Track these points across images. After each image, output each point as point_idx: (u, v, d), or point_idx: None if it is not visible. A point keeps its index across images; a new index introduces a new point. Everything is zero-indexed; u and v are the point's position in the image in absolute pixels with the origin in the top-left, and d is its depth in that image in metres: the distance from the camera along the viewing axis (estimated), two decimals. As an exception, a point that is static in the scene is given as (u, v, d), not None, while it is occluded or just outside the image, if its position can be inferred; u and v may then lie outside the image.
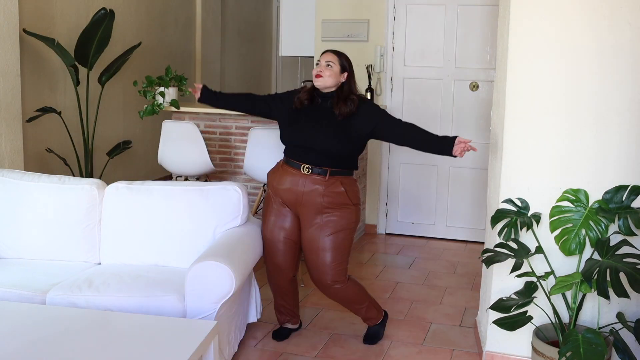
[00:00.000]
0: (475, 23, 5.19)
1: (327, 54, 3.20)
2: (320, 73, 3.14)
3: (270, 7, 9.00)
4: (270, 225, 3.26)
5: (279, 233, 3.24)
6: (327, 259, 3.17)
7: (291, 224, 3.24)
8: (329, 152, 3.13)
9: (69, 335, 2.41)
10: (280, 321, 3.51)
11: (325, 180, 3.12)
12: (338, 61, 3.17)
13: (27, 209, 3.34)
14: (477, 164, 5.26)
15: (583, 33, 2.87)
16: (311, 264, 3.23)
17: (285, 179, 3.19)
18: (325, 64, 3.15)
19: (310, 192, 3.13)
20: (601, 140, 2.91)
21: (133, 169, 6.21)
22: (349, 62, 3.22)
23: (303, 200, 3.15)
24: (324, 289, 3.28)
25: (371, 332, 3.47)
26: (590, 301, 2.96)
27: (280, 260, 3.28)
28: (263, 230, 3.31)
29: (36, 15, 4.87)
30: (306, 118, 3.18)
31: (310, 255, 3.21)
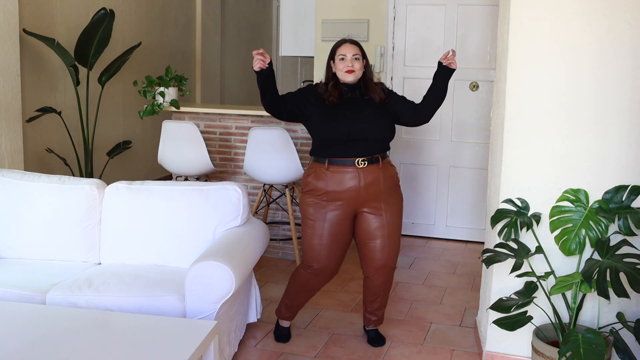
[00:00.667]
0: (475, 23, 5.19)
1: (350, 47, 3.13)
2: (351, 68, 3.10)
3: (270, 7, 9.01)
4: (318, 230, 3.13)
5: (327, 237, 3.14)
6: (393, 243, 3.20)
7: (342, 225, 3.15)
8: (381, 139, 3.12)
9: (69, 335, 2.41)
10: (282, 315, 3.43)
11: (380, 167, 3.12)
12: (361, 52, 3.15)
13: (27, 209, 3.34)
14: (477, 164, 5.27)
15: (583, 33, 2.87)
16: (375, 251, 3.19)
17: (341, 180, 3.09)
18: (353, 57, 3.11)
19: (372, 183, 3.10)
20: (601, 140, 2.91)
21: (133, 169, 6.21)
22: (363, 48, 3.21)
23: (365, 193, 3.10)
24: (384, 274, 3.25)
25: (374, 334, 3.45)
26: (590, 301, 2.96)
27: (330, 265, 3.20)
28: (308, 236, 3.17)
29: (36, 15, 4.87)
30: (347, 111, 3.10)
31: (374, 243, 3.17)
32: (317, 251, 3.18)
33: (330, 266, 3.21)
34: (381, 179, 3.12)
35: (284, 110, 3.17)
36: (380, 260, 3.21)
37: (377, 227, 3.16)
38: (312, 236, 3.17)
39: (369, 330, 3.47)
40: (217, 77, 7.88)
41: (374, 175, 3.10)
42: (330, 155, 3.11)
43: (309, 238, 3.19)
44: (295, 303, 3.41)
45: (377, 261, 3.22)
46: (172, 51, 6.89)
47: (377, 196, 3.13)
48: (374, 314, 3.43)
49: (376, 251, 3.20)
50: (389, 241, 3.19)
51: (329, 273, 3.25)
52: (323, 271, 3.22)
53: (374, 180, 3.10)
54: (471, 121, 5.29)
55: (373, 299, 3.37)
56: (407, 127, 3.55)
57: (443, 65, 3.15)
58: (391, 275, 3.31)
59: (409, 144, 5.46)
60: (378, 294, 3.35)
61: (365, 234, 3.19)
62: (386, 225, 3.16)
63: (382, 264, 3.22)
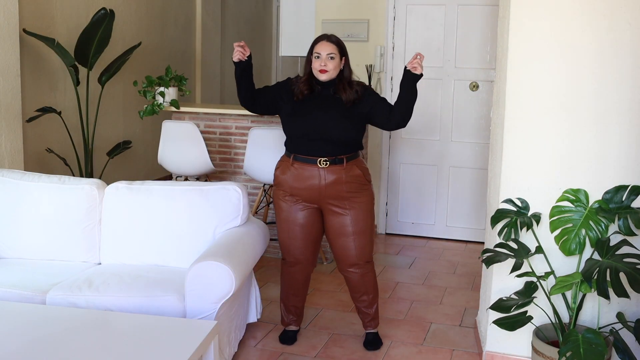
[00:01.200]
0: (475, 23, 5.19)
1: (325, 45, 3.12)
2: (324, 68, 3.10)
3: (270, 7, 9.00)
4: (289, 224, 3.23)
5: (299, 231, 3.22)
6: (359, 241, 3.21)
7: (311, 218, 3.22)
8: (344, 140, 3.12)
9: (69, 335, 2.41)
10: (286, 322, 3.47)
11: (344, 168, 3.13)
12: (338, 50, 3.13)
13: (27, 209, 3.34)
14: (477, 164, 5.27)
15: (583, 33, 2.87)
16: (342, 248, 3.24)
17: (302, 177, 3.15)
18: (328, 56, 3.10)
19: (333, 184, 3.12)
20: (601, 140, 2.91)
21: (133, 169, 6.21)
22: (344, 46, 3.18)
23: (326, 193, 3.14)
24: (357, 270, 3.27)
25: (371, 337, 3.43)
26: (590, 301, 2.96)
27: (302, 257, 3.28)
28: (281, 229, 3.27)
29: (36, 15, 4.87)
30: (313, 109, 3.12)
31: (341, 241, 3.22)
32: (287, 244, 3.28)
33: (303, 258, 3.29)
34: (343, 179, 3.13)
35: (257, 104, 3.23)
36: (349, 257, 3.25)
37: (342, 224, 3.19)
38: (282, 230, 3.27)
39: (367, 332, 3.45)
40: (217, 77, 7.88)
41: (335, 176, 3.12)
42: (295, 152, 3.17)
43: (280, 232, 3.29)
44: (289, 304, 3.42)
45: (346, 258, 3.26)
46: (172, 51, 6.89)
47: (339, 195, 3.15)
48: (365, 314, 3.40)
49: (344, 248, 3.24)
50: (356, 238, 3.20)
51: (304, 264, 3.31)
52: (297, 263, 3.30)
53: (335, 180, 3.12)
54: (471, 121, 5.29)
55: (358, 296, 3.37)
56: (385, 130, 3.44)
57: (407, 69, 3.06)
58: (367, 269, 3.31)
59: (409, 144, 5.47)
60: (361, 290, 3.35)
61: (332, 231, 3.24)
62: (351, 223, 3.18)
63: (352, 261, 3.26)
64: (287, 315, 3.45)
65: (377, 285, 3.41)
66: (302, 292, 3.42)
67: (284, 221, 3.25)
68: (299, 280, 3.37)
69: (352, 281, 3.34)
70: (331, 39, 3.15)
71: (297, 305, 3.44)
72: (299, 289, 3.40)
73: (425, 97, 5.37)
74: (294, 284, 3.38)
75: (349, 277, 3.33)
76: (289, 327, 3.47)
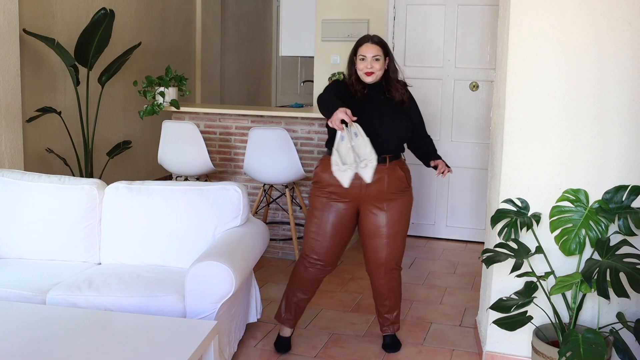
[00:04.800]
0: (475, 23, 5.19)
1: (370, 47, 3.08)
2: (371, 70, 3.07)
3: (270, 7, 9.01)
4: (322, 221, 3.15)
5: (330, 229, 3.15)
6: (393, 244, 3.18)
7: (345, 219, 3.16)
8: (393, 138, 3.11)
9: (69, 335, 2.41)
10: (281, 318, 3.35)
11: (387, 167, 3.10)
12: (382, 51, 3.09)
13: (27, 209, 3.34)
14: (477, 164, 5.27)
15: (583, 33, 2.87)
16: (375, 250, 3.19)
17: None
18: (373, 58, 3.07)
19: (375, 183, 3.05)
20: (601, 140, 2.91)
21: (133, 169, 6.21)
22: (387, 45, 3.17)
23: (367, 192, 3.09)
24: (386, 273, 3.24)
25: (390, 340, 3.40)
26: (590, 301, 2.96)
27: (326, 257, 3.20)
28: (309, 225, 3.20)
29: (36, 15, 4.87)
30: (366, 108, 3.07)
31: (375, 242, 3.18)
32: (316, 241, 3.19)
33: (327, 258, 3.21)
34: (385, 179, 3.10)
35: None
36: (380, 259, 3.21)
37: (378, 225, 3.15)
38: (314, 226, 3.19)
39: (385, 335, 3.41)
40: (217, 77, 7.88)
41: (377, 175, 3.04)
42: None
43: (310, 227, 3.21)
44: (293, 300, 3.31)
45: (377, 260, 3.22)
46: (172, 51, 6.90)
47: (379, 196, 3.12)
48: (385, 318, 3.37)
49: (376, 250, 3.20)
50: (389, 241, 3.17)
51: (326, 265, 3.23)
52: (320, 262, 3.22)
53: (377, 180, 3.06)
54: (471, 121, 5.29)
55: (382, 300, 3.34)
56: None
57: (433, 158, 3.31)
58: (394, 275, 3.29)
59: (409, 144, 5.46)
60: (384, 295, 3.32)
61: (366, 231, 3.19)
62: (387, 224, 3.15)
63: (382, 263, 3.22)
64: (286, 313, 3.34)
65: (401, 292, 3.38)
66: (311, 292, 3.34)
67: (317, 217, 3.17)
68: (312, 280, 3.28)
69: (378, 284, 3.30)
70: (374, 39, 3.12)
71: (300, 305, 3.34)
72: (309, 288, 3.32)
73: (425, 97, 5.38)
74: (306, 282, 3.28)
75: (375, 279, 3.29)
76: (282, 332, 3.38)
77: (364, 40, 3.13)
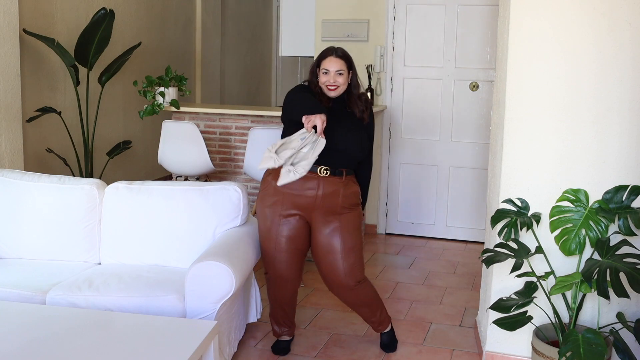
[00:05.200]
0: (475, 23, 5.19)
1: (334, 61, 3.04)
2: (334, 84, 3.04)
3: (270, 7, 9.01)
4: (273, 234, 3.07)
5: (284, 242, 3.07)
6: (350, 260, 3.06)
7: (298, 230, 3.07)
8: (354, 153, 3.06)
9: (69, 335, 2.41)
10: (277, 333, 3.34)
11: (343, 181, 3.04)
12: (346, 65, 3.06)
13: (27, 209, 3.34)
14: (477, 164, 5.27)
15: (583, 33, 2.87)
16: (330, 269, 3.08)
17: (298, 184, 2.98)
18: (336, 73, 3.04)
19: (329, 195, 3.01)
20: (601, 140, 2.91)
21: (133, 169, 6.21)
22: (351, 59, 3.12)
23: (320, 203, 3.02)
24: (347, 291, 3.13)
25: (386, 339, 3.37)
26: (590, 301, 2.96)
27: (287, 272, 3.11)
28: (262, 240, 3.12)
29: (36, 15, 4.87)
30: (331, 121, 2.94)
31: (330, 260, 3.07)
32: (271, 257, 3.11)
33: (289, 273, 3.12)
34: (341, 192, 3.03)
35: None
36: (338, 277, 3.09)
37: (330, 241, 3.05)
38: (266, 241, 3.10)
39: (382, 334, 3.38)
40: (217, 77, 7.88)
41: (333, 188, 3.02)
42: None
43: (263, 242, 3.12)
44: (278, 314, 3.28)
45: (335, 278, 3.10)
46: (172, 51, 6.89)
47: (332, 209, 3.04)
48: (371, 322, 3.33)
49: (333, 268, 3.08)
50: (345, 256, 3.05)
51: (287, 281, 3.15)
52: (280, 279, 3.14)
53: (332, 192, 3.02)
54: (471, 121, 5.29)
55: (356, 309, 3.27)
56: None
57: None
58: (359, 290, 3.14)
59: (409, 144, 5.46)
60: (357, 305, 3.24)
61: (319, 248, 3.08)
62: (341, 240, 3.05)
63: (341, 282, 3.10)
64: (280, 328, 3.32)
65: (376, 296, 3.25)
66: (292, 303, 3.27)
67: (268, 231, 3.08)
68: (285, 296, 3.21)
69: (345, 300, 3.23)
70: (338, 53, 3.07)
71: (288, 315, 3.31)
72: (288, 301, 3.24)
73: (425, 97, 5.39)
74: (280, 299, 3.22)
75: (341, 297, 3.21)
76: (282, 338, 3.36)
77: (328, 53, 3.08)
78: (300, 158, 2.90)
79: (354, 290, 3.13)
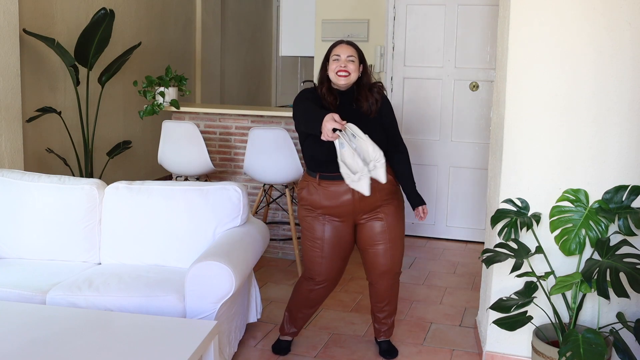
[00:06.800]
0: (475, 23, 5.19)
1: (345, 47, 2.97)
2: (345, 69, 2.93)
3: (270, 7, 9.01)
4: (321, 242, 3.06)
5: (329, 249, 3.07)
6: (398, 247, 3.11)
7: (342, 236, 3.07)
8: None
9: (69, 335, 2.41)
10: (285, 332, 3.33)
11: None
12: (357, 54, 2.98)
13: (27, 209, 3.34)
14: (477, 164, 5.27)
15: (583, 33, 2.87)
16: (375, 256, 3.10)
17: (334, 195, 2.98)
18: (347, 59, 2.94)
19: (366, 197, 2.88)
20: (601, 140, 2.91)
21: (133, 169, 6.21)
22: (362, 53, 3.06)
23: (360, 207, 3.00)
24: (390, 279, 3.17)
25: (386, 346, 3.35)
26: (590, 301, 2.96)
27: (330, 277, 3.14)
28: (306, 248, 3.11)
29: (36, 15, 4.87)
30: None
31: (374, 249, 3.08)
32: (318, 264, 3.11)
33: (332, 277, 3.15)
34: (376, 188, 2.94)
35: None
36: (383, 265, 3.12)
37: (377, 232, 3.06)
38: (312, 249, 3.10)
39: (380, 341, 3.37)
40: (217, 77, 7.88)
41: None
42: (321, 170, 2.99)
43: (309, 251, 3.12)
44: (298, 315, 3.29)
45: (380, 267, 3.13)
46: (172, 51, 6.89)
47: (373, 205, 3.03)
48: (383, 324, 3.32)
49: (379, 256, 3.11)
50: (391, 246, 3.09)
51: (331, 284, 3.19)
52: (325, 283, 3.17)
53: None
54: (471, 121, 5.29)
55: (381, 306, 3.27)
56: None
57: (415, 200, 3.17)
58: (396, 280, 3.22)
59: (409, 144, 5.41)
60: (385, 300, 3.25)
61: (366, 240, 3.10)
62: (387, 230, 3.06)
63: (386, 269, 3.13)
64: (289, 327, 3.32)
65: (398, 298, 3.32)
66: (317, 306, 3.29)
67: (314, 239, 3.08)
68: (316, 299, 3.23)
69: (379, 290, 3.23)
70: (350, 42, 3.03)
71: (305, 318, 3.32)
72: (316, 304, 3.27)
73: (425, 97, 5.39)
74: (312, 300, 3.23)
75: (377, 286, 3.21)
76: (283, 337, 3.36)
77: (338, 42, 3.04)
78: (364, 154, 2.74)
79: (396, 277, 3.20)
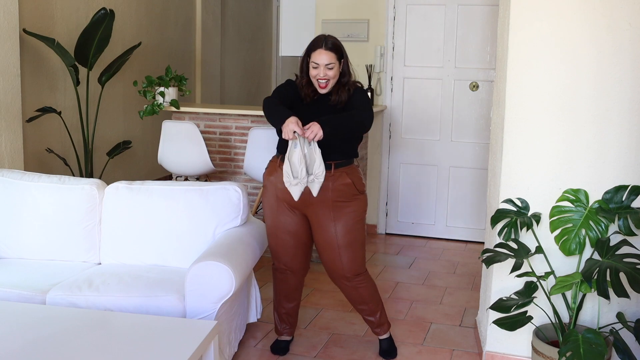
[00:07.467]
0: (475, 23, 5.19)
1: (323, 54, 2.98)
2: (324, 77, 2.98)
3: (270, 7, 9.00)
4: (277, 229, 3.11)
5: (288, 237, 3.11)
6: (348, 254, 3.06)
7: (300, 224, 3.09)
8: (333, 144, 2.95)
9: (69, 335, 2.41)
10: (279, 331, 3.35)
11: (332, 175, 2.97)
12: (336, 57, 2.99)
13: (27, 209, 3.34)
14: (477, 164, 5.27)
15: (583, 33, 2.87)
16: (330, 261, 3.10)
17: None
18: (326, 67, 2.97)
19: (320, 190, 2.94)
20: (601, 140, 2.91)
21: (133, 169, 6.21)
22: (341, 47, 3.04)
23: (310, 199, 2.97)
24: (346, 283, 3.14)
25: (386, 345, 3.34)
26: (590, 301, 2.96)
27: (294, 264, 3.17)
28: (269, 234, 3.17)
29: (36, 15, 4.87)
30: (307, 112, 2.97)
31: (329, 253, 3.08)
32: (277, 250, 3.17)
33: (294, 265, 3.18)
34: (329, 187, 2.97)
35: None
36: (337, 270, 3.11)
37: (330, 236, 3.04)
38: (271, 235, 3.16)
39: (381, 340, 3.35)
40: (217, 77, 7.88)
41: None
42: (284, 152, 2.96)
43: (269, 237, 3.19)
44: (282, 311, 3.31)
45: (335, 271, 3.13)
46: (172, 51, 6.89)
47: (324, 204, 3.01)
48: (369, 322, 3.30)
49: (332, 262, 3.10)
50: (344, 251, 3.05)
51: (295, 271, 3.21)
52: (288, 269, 3.20)
53: (321, 187, 2.95)
54: (471, 121, 5.29)
55: (356, 305, 3.25)
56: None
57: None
58: (359, 283, 3.15)
59: (409, 144, 5.46)
60: (357, 301, 3.23)
61: (319, 242, 3.10)
62: (339, 234, 3.03)
63: (340, 274, 3.12)
64: (281, 325, 3.34)
65: (376, 294, 3.24)
66: (295, 298, 3.29)
67: (272, 226, 3.12)
68: (290, 287, 3.25)
69: (345, 292, 3.23)
70: (327, 45, 2.99)
71: (290, 313, 3.32)
72: (292, 295, 3.28)
73: (425, 97, 5.39)
74: (285, 290, 3.26)
75: (341, 289, 3.22)
76: (281, 337, 3.37)
77: (318, 45, 3.02)
78: (310, 161, 2.87)
79: (353, 282, 3.14)
